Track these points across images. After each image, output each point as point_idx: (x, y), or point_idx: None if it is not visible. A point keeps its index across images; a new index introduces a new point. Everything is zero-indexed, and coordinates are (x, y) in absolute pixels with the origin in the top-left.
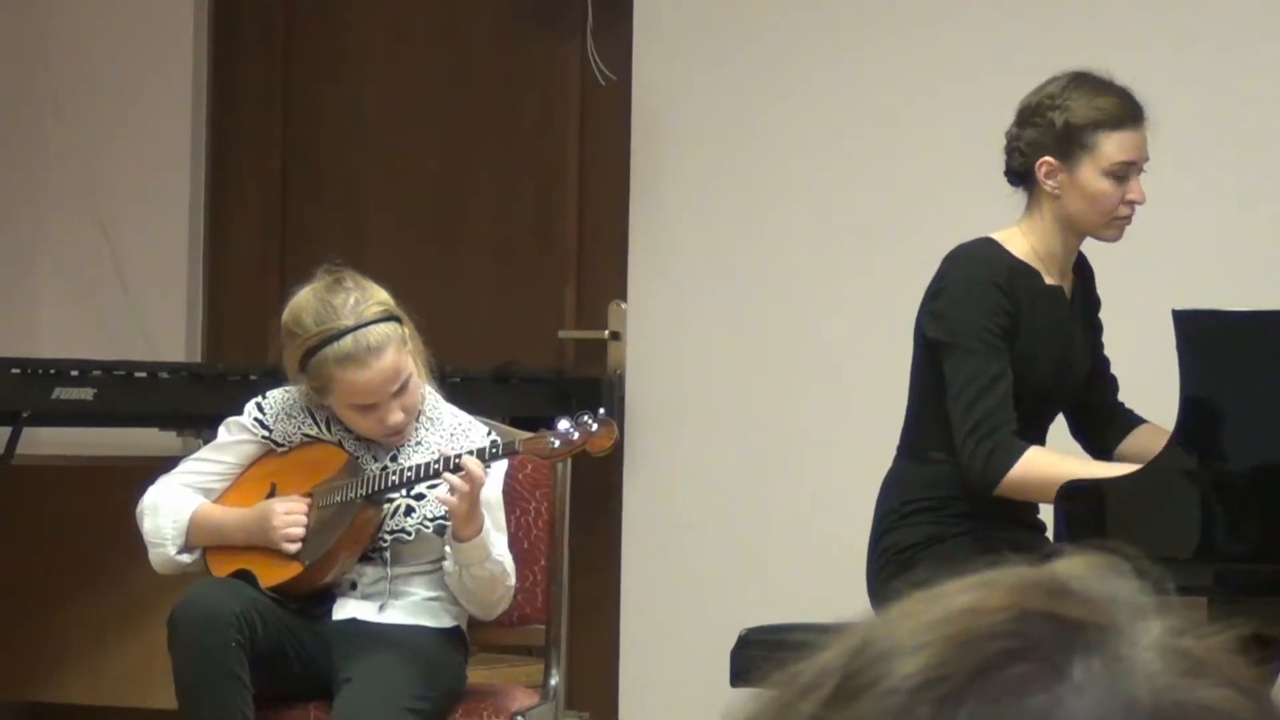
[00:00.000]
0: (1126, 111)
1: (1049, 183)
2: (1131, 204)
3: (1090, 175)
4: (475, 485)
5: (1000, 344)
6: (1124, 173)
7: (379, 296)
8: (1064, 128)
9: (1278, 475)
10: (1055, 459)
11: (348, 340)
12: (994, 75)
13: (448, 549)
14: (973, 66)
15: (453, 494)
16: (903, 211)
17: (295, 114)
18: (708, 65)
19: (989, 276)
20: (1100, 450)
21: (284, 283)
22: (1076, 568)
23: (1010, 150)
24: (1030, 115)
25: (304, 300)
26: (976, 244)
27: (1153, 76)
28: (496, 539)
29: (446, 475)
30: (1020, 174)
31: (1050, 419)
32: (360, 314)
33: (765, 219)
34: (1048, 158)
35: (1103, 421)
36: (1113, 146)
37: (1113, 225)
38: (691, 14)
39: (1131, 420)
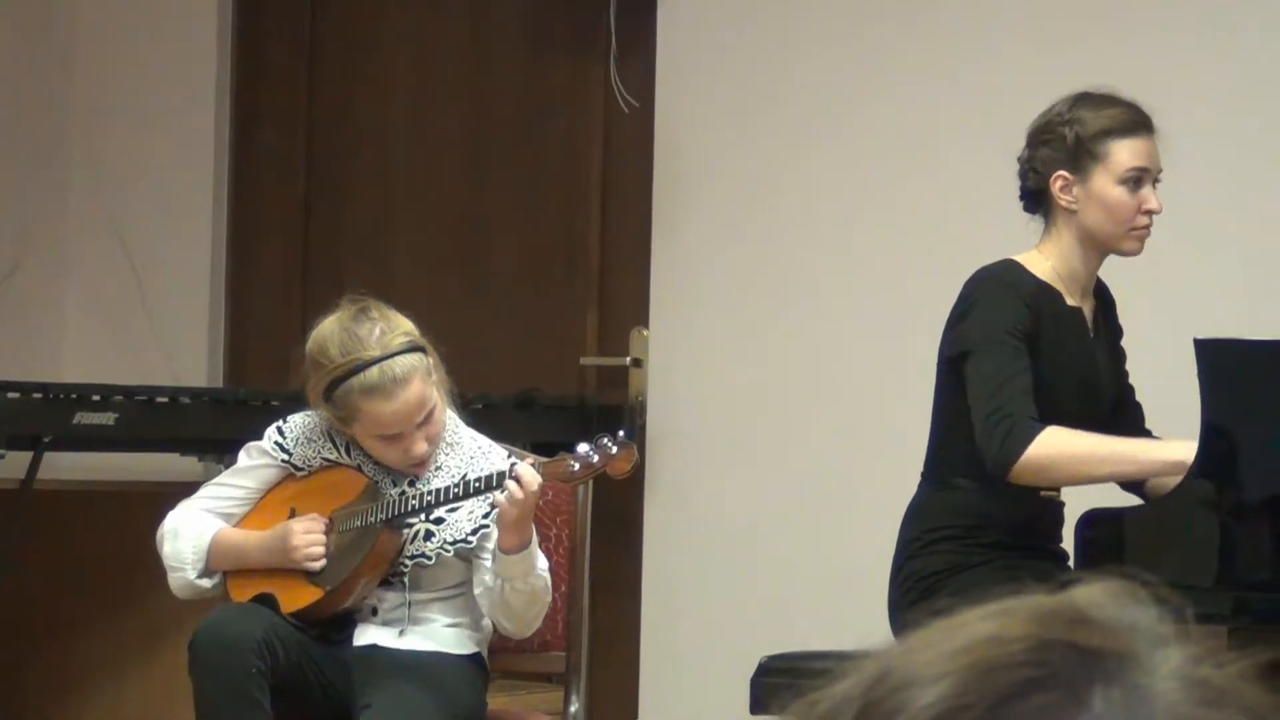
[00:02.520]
0: (1135, 119)
1: (1065, 197)
2: (1149, 214)
3: (1105, 184)
4: (530, 492)
5: (1021, 345)
6: (1138, 180)
7: (404, 327)
8: (1075, 140)
9: None
10: (1074, 435)
11: (373, 371)
12: (1023, 108)
13: (487, 563)
14: (998, 99)
15: (508, 500)
16: (927, 240)
17: (319, 140)
18: (731, 91)
19: (1012, 290)
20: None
21: (306, 308)
22: (1096, 596)
23: (1024, 173)
24: (1041, 135)
25: (329, 330)
26: (998, 265)
27: (1181, 101)
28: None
29: (509, 483)
30: (1035, 195)
31: None
32: (386, 345)
33: (787, 246)
34: (1062, 171)
35: None
36: (1125, 153)
37: (1131, 237)
38: (715, 40)
39: None
